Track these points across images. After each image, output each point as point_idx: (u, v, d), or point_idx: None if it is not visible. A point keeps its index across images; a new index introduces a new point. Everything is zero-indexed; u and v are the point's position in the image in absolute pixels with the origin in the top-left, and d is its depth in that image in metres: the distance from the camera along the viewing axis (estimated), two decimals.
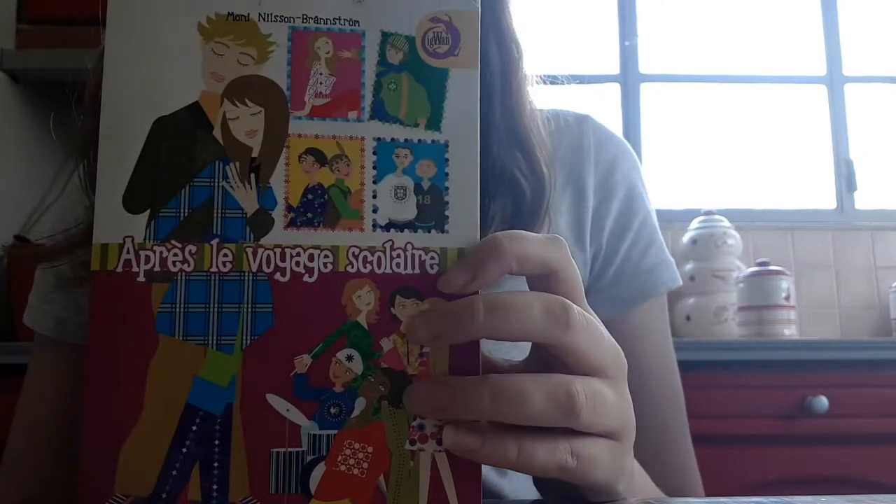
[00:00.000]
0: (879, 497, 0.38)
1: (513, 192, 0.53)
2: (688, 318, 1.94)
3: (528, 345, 0.36)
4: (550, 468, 0.32)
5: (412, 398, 0.30)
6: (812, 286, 2.14)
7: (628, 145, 0.67)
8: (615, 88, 2.31)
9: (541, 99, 0.59)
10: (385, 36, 0.32)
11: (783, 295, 1.83)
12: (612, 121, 2.28)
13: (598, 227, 0.62)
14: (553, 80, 0.60)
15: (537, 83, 0.58)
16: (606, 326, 0.60)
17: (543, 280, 0.33)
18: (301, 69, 0.32)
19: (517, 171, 0.53)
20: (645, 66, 2.31)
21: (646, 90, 2.31)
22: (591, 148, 0.64)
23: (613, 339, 0.35)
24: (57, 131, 2.00)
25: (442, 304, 0.31)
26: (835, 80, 2.30)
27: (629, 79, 2.30)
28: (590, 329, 0.33)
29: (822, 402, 1.57)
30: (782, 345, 1.69)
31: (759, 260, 1.92)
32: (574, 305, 0.32)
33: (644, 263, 0.63)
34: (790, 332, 1.82)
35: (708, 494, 0.47)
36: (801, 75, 2.34)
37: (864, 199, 2.25)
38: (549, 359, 0.34)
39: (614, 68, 2.32)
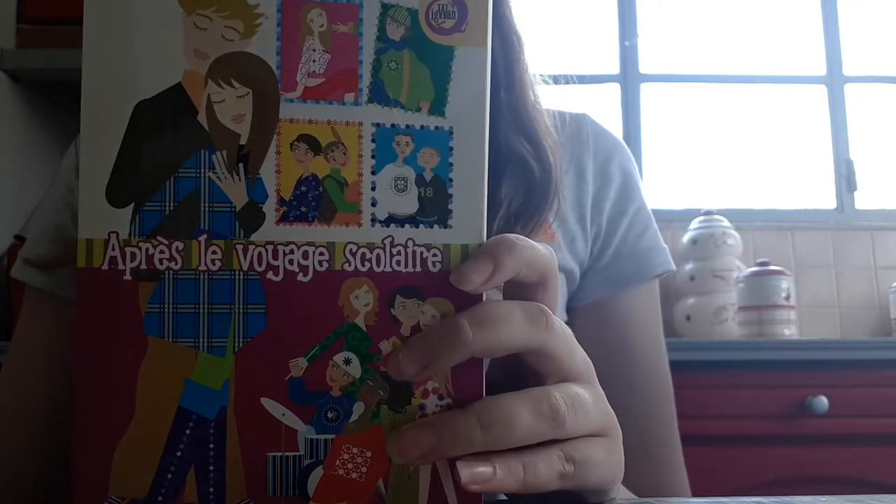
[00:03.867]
0: (879, 497, 0.38)
1: (523, 176, 0.54)
2: (688, 318, 1.94)
3: None
4: (553, 480, 0.31)
5: (398, 449, 0.29)
6: (812, 286, 2.14)
7: (621, 141, 0.70)
8: (615, 88, 2.31)
9: (544, 98, 0.61)
10: (385, 8, 0.29)
11: (783, 295, 1.83)
12: (612, 121, 2.28)
13: (598, 210, 0.65)
14: (556, 78, 0.62)
15: (542, 82, 0.60)
16: (602, 309, 0.64)
17: (531, 288, 0.32)
18: (292, 45, 0.29)
19: (526, 156, 0.54)
20: (645, 66, 2.31)
21: (646, 90, 2.31)
22: (590, 139, 0.67)
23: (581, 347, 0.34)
24: (57, 131, 2.00)
25: (426, 330, 0.29)
26: (835, 80, 2.30)
27: (629, 79, 2.30)
28: (566, 333, 0.32)
29: (822, 402, 1.57)
30: (782, 345, 1.69)
31: (759, 260, 1.92)
32: (547, 308, 0.32)
33: (640, 245, 0.66)
34: (790, 332, 1.82)
35: (708, 494, 0.47)
36: (801, 75, 2.33)
37: (864, 199, 2.24)
38: (516, 369, 0.34)
39: (614, 68, 2.31)
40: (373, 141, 0.29)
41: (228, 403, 0.29)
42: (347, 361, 0.29)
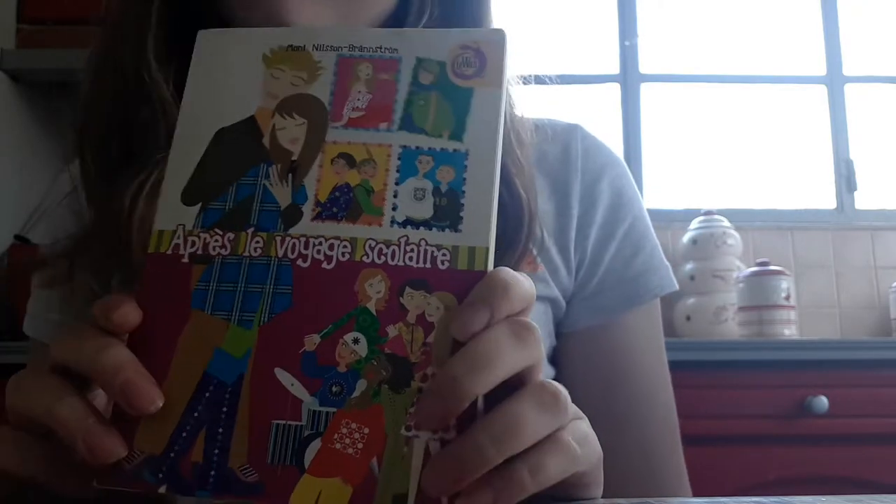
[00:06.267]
0: (879, 497, 0.38)
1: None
2: (688, 318, 1.94)
3: None
4: (566, 466, 0.32)
5: (433, 485, 0.30)
6: (812, 286, 2.14)
7: (617, 155, 0.67)
8: (615, 88, 2.31)
9: (531, 101, 0.58)
10: (419, 61, 0.36)
11: (783, 295, 1.83)
12: (612, 121, 2.28)
13: (583, 236, 0.62)
14: (539, 80, 0.59)
15: (523, 84, 0.57)
16: (592, 336, 0.61)
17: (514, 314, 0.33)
18: (343, 88, 0.36)
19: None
20: (645, 66, 2.32)
21: (646, 90, 2.31)
22: (579, 157, 0.63)
23: None
24: (57, 131, 2.01)
25: (428, 387, 0.31)
26: (835, 80, 2.30)
27: (629, 79, 2.30)
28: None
29: (822, 402, 1.57)
30: (782, 345, 1.69)
31: (759, 260, 1.93)
32: (530, 322, 0.32)
33: (629, 272, 0.62)
34: (790, 332, 1.82)
35: (708, 494, 0.47)
36: (801, 75, 2.34)
37: (864, 199, 2.25)
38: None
39: (614, 68, 2.32)
40: (399, 159, 0.34)
41: (246, 370, 0.32)
42: (356, 341, 0.32)
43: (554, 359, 0.63)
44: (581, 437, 0.33)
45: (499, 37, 0.36)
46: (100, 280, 0.52)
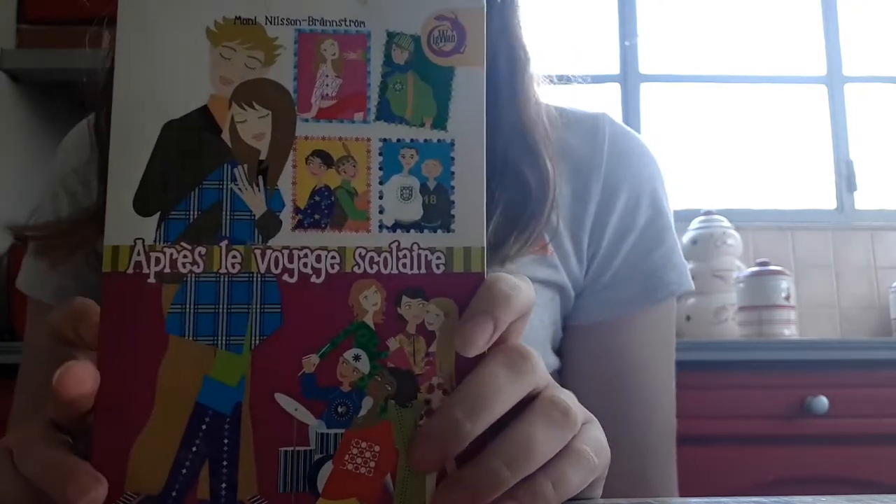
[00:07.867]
0: (879, 497, 0.38)
1: (518, 186, 0.52)
2: (688, 318, 1.94)
3: None
4: (586, 477, 0.31)
5: None
6: (812, 286, 2.14)
7: (644, 142, 0.64)
8: (615, 88, 2.31)
9: (551, 97, 0.58)
10: (390, 36, 0.32)
11: (783, 295, 1.83)
12: None
13: (601, 225, 0.59)
14: (555, 79, 0.59)
15: (549, 83, 0.57)
16: (601, 332, 0.59)
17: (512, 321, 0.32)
18: (307, 71, 0.32)
19: (522, 165, 0.52)
20: (645, 66, 2.31)
21: (646, 90, 2.31)
22: (605, 140, 0.61)
23: None
24: (57, 131, 2.00)
25: (426, 425, 0.30)
26: (835, 80, 2.30)
27: (629, 79, 2.30)
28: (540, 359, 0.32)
29: (822, 402, 1.57)
30: (782, 345, 1.69)
31: (759, 260, 1.92)
32: (526, 349, 0.32)
33: (645, 266, 0.60)
34: (790, 332, 1.82)
35: (708, 494, 0.47)
36: (801, 75, 2.34)
37: (864, 199, 2.25)
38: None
39: (614, 68, 2.32)
40: (380, 154, 0.32)
41: (244, 399, 0.30)
42: (357, 358, 0.31)
43: (559, 349, 0.62)
44: (597, 445, 0.33)
45: (477, 5, 0.32)
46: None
